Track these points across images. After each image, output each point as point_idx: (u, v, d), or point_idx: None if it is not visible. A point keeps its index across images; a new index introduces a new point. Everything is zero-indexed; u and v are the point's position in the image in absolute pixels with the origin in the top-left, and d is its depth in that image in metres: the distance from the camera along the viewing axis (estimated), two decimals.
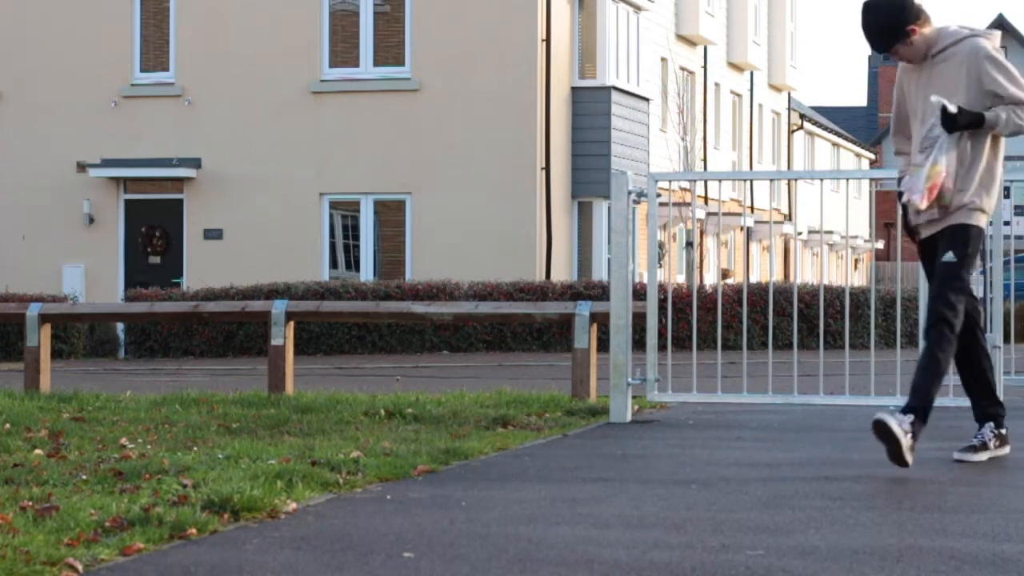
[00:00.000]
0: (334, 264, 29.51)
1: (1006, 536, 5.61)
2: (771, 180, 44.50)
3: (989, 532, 5.69)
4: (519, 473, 7.61)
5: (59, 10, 30.09)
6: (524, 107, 28.31)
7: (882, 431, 7.31)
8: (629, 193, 10.97)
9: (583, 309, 12.24)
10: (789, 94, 48.46)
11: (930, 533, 5.66)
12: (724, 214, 38.98)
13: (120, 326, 27.68)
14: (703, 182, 36.44)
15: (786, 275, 45.61)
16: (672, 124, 35.85)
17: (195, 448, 8.38)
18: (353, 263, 29.47)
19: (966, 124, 7.69)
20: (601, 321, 12.10)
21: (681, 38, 37.76)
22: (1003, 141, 7.92)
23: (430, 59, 28.76)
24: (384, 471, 7.34)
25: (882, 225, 57.45)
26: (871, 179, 11.57)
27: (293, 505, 6.22)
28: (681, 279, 34.66)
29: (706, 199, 37.10)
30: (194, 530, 5.56)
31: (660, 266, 29.28)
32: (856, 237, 52.21)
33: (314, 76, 29.18)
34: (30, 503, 6.07)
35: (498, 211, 28.23)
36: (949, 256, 7.70)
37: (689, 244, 35.14)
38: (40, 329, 13.54)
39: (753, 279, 39.04)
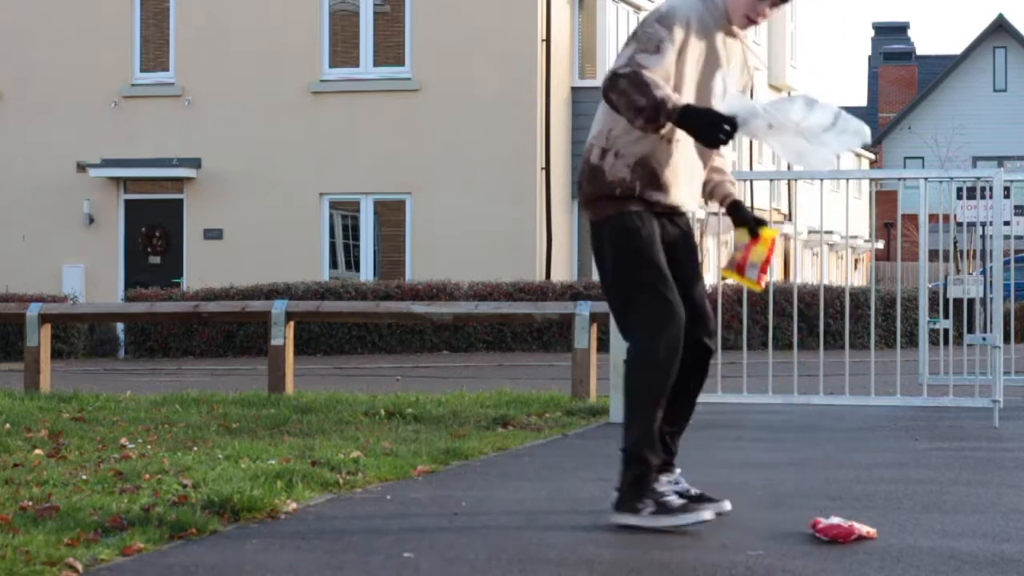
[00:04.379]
0: (334, 264, 29.49)
1: (1006, 536, 5.61)
2: (771, 180, 44.44)
3: (989, 532, 5.69)
4: (519, 473, 7.60)
5: (59, 10, 30.07)
6: (524, 107, 28.28)
7: None
8: None
9: (583, 309, 12.24)
10: (789, 94, 48.45)
11: (930, 533, 5.66)
12: (724, 214, 38.92)
13: (120, 326, 27.66)
14: None
15: (786, 275, 45.58)
16: None
17: (195, 448, 8.38)
18: (353, 263, 29.44)
19: None
20: (601, 321, 12.10)
21: None
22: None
23: (430, 59, 28.73)
24: (384, 471, 7.33)
25: (882, 225, 57.43)
26: (871, 179, 11.60)
27: (293, 505, 6.22)
28: None
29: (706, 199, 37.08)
30: (194, 530, 5.56)
31: None
32: (856, 237, 52.15)
33: (314, 76, 29.15)
34: (30, 503, 6.07)
35: (498, 211, 28.20)
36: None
37: None
38: (40, 329, 13.54)
39: None
